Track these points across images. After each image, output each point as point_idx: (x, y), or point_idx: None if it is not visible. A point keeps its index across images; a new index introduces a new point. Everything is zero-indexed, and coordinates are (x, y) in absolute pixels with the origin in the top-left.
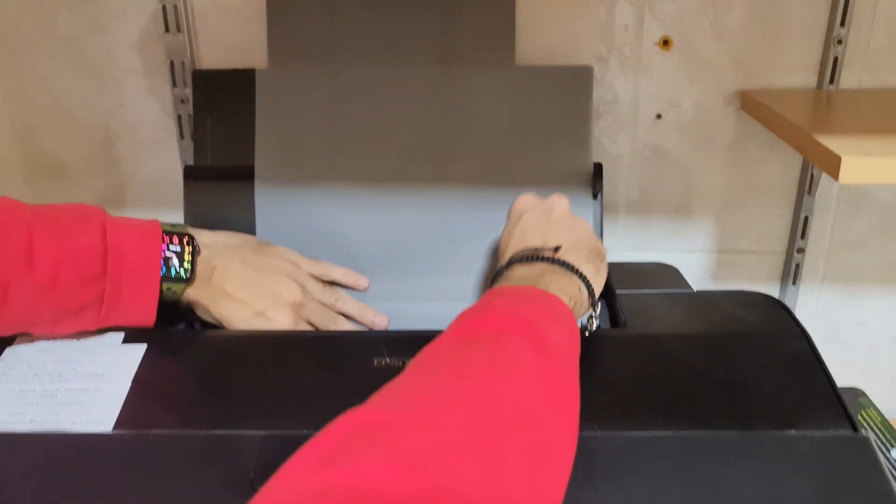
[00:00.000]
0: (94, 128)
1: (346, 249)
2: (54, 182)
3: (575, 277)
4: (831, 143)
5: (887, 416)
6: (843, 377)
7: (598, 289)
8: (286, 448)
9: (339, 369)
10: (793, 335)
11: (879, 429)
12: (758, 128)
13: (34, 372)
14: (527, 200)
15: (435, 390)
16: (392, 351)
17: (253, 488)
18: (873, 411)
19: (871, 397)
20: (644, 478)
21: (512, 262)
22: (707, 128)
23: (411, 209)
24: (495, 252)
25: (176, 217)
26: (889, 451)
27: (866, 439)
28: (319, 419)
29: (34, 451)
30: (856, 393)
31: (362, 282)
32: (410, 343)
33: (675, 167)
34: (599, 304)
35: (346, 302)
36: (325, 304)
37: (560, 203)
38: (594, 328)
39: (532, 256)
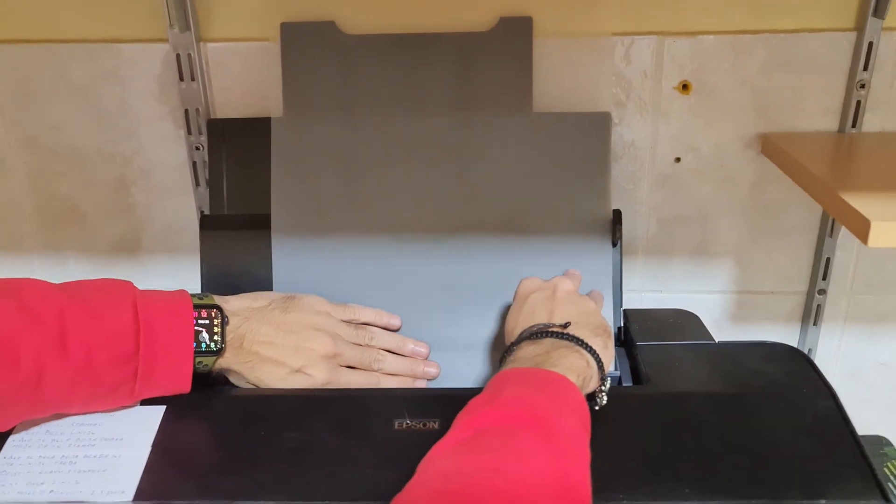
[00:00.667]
0: (109, 174)
1: (364, 300)
2: (69, 227)
3: (584, 352)
4: (859, 203)
5: None
6: (864, 418)
7: (606, 363)
8: None
9: (359, 432)
10: (818, 392)
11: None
12: (779, 171)
13: (53, 437)
14: (532, 282)
15: (447, 496)
16: (412, 412)
17: None
18: (892, 451)
19: (894, 443)
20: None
21: (521, 339)
22: (727, 171)
23: (430, 259)
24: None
25: (192, 262)
26: None
27: (869, 465)
28: (338, 487)
29: None
30: (881, 442)
31: (394, 321)
32: (429, 402)
33: (694, 210)
34: (609, 380)
35: (381, 338)
36: (360, 345)
37: (564, 284)
38: (604, 402)
39: (540, 332)
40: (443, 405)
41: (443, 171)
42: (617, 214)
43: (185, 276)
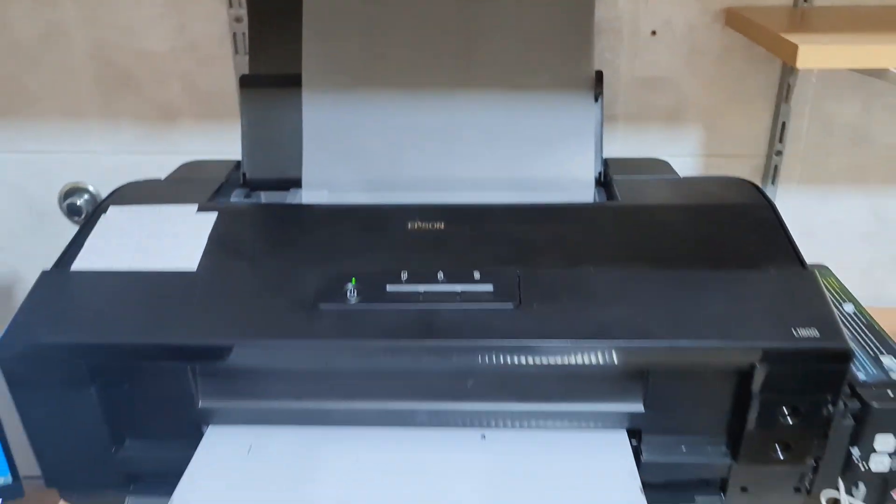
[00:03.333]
0: (161, 46)
1: (381, 144)
2: (123, 94)
3: None
4: (793, 37)
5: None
6: None
7: None
8: (339, 281)
9: (379, 232)
10: (761, 206)
11: (835, 290)
12: (740, 43)
13: (128, 232)
14: None
15: None
16: (424, 217)
17: (316, 308)
18: (833, 279)
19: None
20: (631, 299)
21: None
22: (696, 44)
23: (439, 110)
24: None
25: (231, 125)
26: (841, 305)
27: (812, 272)
28: (364, 264)
29: (136, 284)
30: (822, 268)
31: None
32: (439, 212)
33: (667, 80)
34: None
35: None
36: None
37: None
38: None
39: None
40: (446, 212)
41: (452, 38)
42: (599, 74)
43: (223, 138)
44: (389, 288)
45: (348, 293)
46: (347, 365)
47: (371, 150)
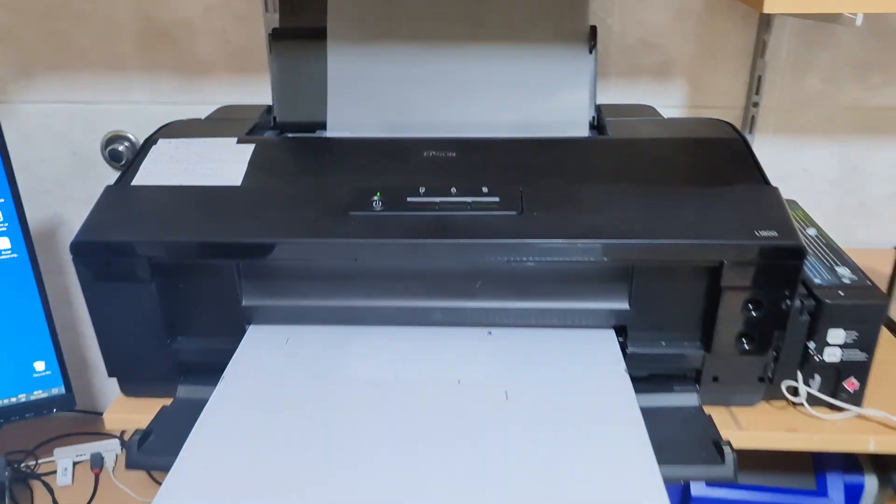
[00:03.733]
0: (196, 5)
1: (395, 90)
2: (162, 48)
3: None
4: None
5: None
6: None
7: None
8: (365, 194)
9: (398, 158)
10: (734, 139)
11: (801, 218)
12: (722, 4)
13: (177, 159)
14: None
15: None
16: (437, 148)
17: (346, 214)
18: (800, 210)
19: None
20: (619, 209)
21: None
22: (682, 2)
23: (450, 60)
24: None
25: (261, 78)
26: (805, 229)
27: (775, 189)
28: (387, 181)
29: (189, 195)
30: (791, 202)
31: None
32: (451, 143)
33: (655, 37)
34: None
35: None
36: None
37: None
38: None
39: None
40: (457, 144)
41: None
42: (593, 29)
43: (252, 89)
44: (410, 199)
45: (374, 203)
46: (373, 262)
47: (389, 96)
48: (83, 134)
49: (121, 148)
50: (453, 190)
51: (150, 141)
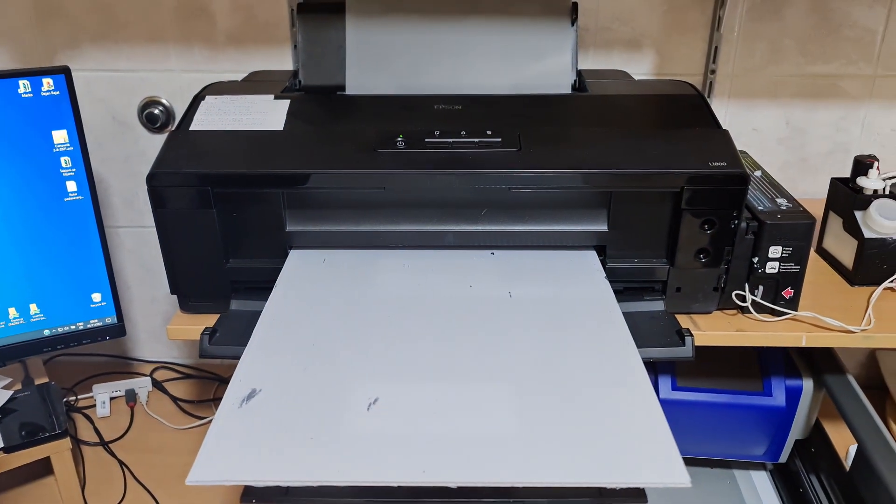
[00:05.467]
0: None
1: (410, 57)
2: (197, 22)
3: None
4: None
5: None
6: None
7: None
8: (390, 135)
9: (414, 110)
10: (693, 95)
11: (749, 164)
12: None
13: (224, 111)
14: None
15: None
16: (446, 102)
17: (375, 151)
18: (749, 158)
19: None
20: (599, 147)
21: None
22: None
23: (454, 31)
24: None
25: (283, 49)
26: (753, 172)
27: (725, 131)
28: (406, 126)
29: (240, 138)
30: (742, 152)
31: None
32: (457, 99)
33: (626, 13)
34: None
35: None
36: None
37: None
38: None
39: None
40: (463, 99)
41: None
42: (574, 5)
43: (276, 59)
44: (427, 140)
45: (398, 142)
46: (399, 190)
47: (400, 61)
48: (121, 99)
49: (156, 111)
50: (463, 133)
51: (199, 98)
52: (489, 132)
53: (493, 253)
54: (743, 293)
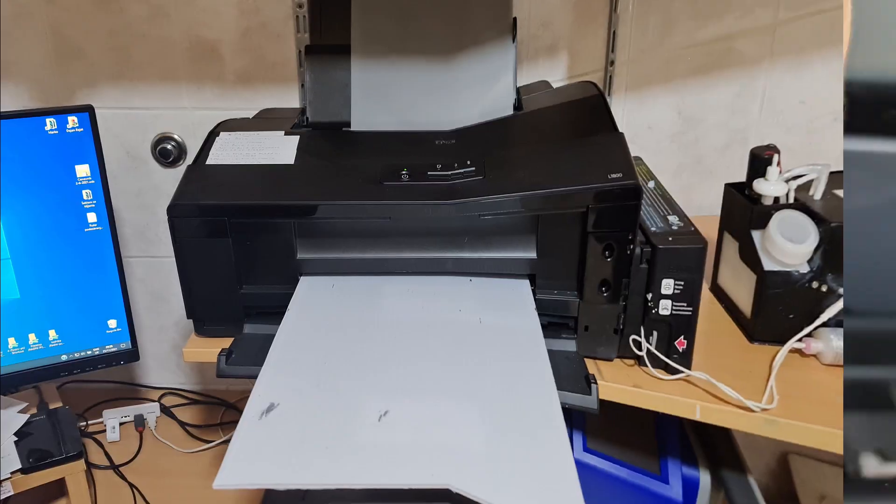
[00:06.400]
0: (238, 26)
1: (407, 94)
2: (208, 63)
3: None
4: None
5: None
6: None
7: None
8: (395, 169)
9: (417, 144)
10: (595, 96)
11: (643, 174)
12: None
13: (236, 146)
14: None
15: None
16: (446, 138)
17: (380, 184)
18: (644, 166)
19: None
20: (520, 166)
21: None
22: None
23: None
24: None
25: (291, 88)
26: (647, 183)
27: (622, 135)
28: (407, 159)
29: (253, 170)
30: (636, 158)
31: None
32: (451, 134)
33: (548, 16)
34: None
35: None
36: None
37: None
38: None
39: None
40: (454, 134)
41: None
42: (515, 20)
43: (284, 97)
44: (430, 173)
45: (402, 175)
46: (403, 219)
47: (400, 99)
48: (136, 135)
49: (169, 146)
50: (456, 165)
51: (213, 133)
52: (469, 161)
53: (470, 280)
54: (639, 339)
